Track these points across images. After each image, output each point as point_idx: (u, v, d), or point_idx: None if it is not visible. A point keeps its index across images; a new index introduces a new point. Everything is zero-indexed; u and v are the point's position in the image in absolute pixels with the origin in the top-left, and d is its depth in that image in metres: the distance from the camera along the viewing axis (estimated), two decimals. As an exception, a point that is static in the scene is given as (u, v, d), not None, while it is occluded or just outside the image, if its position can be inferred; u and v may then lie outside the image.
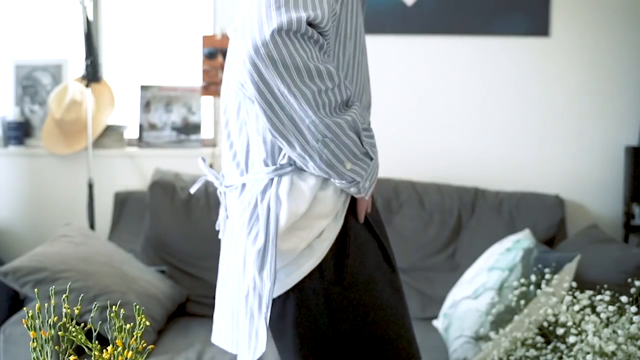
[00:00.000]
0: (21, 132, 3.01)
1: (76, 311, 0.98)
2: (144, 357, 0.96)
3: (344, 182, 1.13)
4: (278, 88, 1.03)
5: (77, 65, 3.05)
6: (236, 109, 1.20)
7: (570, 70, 2.93)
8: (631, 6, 2.90)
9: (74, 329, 0.95)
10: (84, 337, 0.95)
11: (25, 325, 0.96)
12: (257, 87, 1.03)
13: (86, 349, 0.96)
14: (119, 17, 3.13)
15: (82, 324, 0.99)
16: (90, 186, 2.83)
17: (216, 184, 1.28)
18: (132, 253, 2.58)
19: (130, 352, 0.94)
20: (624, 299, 1.70)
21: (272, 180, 1.15)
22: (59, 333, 0.95)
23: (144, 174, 2.97)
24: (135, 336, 0.95)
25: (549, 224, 2.69)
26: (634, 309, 1.67)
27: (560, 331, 1.72)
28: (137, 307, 0.96)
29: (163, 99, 3.03)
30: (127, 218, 2.80)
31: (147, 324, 0.96)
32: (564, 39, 2.91)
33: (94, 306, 1.08)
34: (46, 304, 0.98)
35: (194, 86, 3.02)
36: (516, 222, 2.69)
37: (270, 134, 1.09)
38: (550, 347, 1.78)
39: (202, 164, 1.34)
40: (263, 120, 1.07)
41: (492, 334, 2.00)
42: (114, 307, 0.97)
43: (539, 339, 1.83)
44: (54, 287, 1.03)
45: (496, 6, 2.89)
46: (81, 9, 2.74)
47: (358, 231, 1.20)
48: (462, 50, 2.94)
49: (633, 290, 1.74)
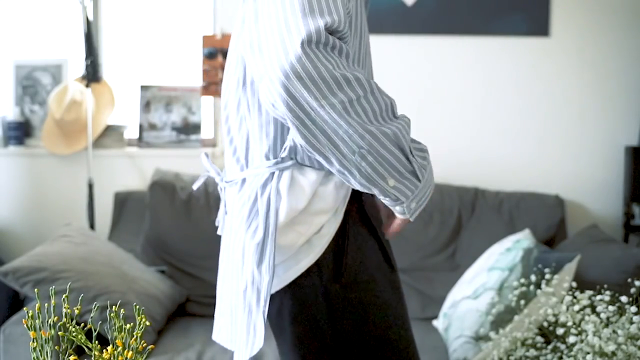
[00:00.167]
0: (21, 132, 3.01)
1: (76, 311, 0.98)
2: (144, 357, 0.96)
3: (388, 199, 1.11)
4: (308, 104, 1.01)
5: (77, 65, 3.05)
6: (236, 104, 1.20)
7: (570, 70, 2.93)
8: (631, 6, 2.90)
9: (74, 329, 0.95)
10: (84, 337, 0.95)
11: (25, 325, 0.96)
12: (287, 106, 1.02)
13: (86, 349, 0.96)
14: (119, 17, 3.13)
15: (82, 324, 0.99)
16: (90, 186, 2.83)
17: (217, 179, 1.28)
18: (132, 253, 2.58)
19: (130, 352, 0.94)
20: (624, 299, 1.70)
21: (273, 174, 1.14)
22: (59, 333, 0.95)
23: (144, 174, 2.97)
24: (135, 336, 0.95)
25: (549, 224, 2.69)
26: (634, 309, 1.67)
27: (560, 331, 1.72)
28: (137, 307, 0.96)
29: (163, 99, 3.03)
30: (127, 218, 2.80)
31: (147, 324, 0.96)
32: (564, 39, 2.91)
33: (94, 306, 1.08)
34: (46, 304, 0.98)
35: (194, 86, 3.02)
36: (516, 222, 2.69)
37: (305, 147, 1.06)
38: (550, 347, 1.78)
39: (204, 159, 1.33)
40: (297, 138, 1.05)
41: (492, 334, 2.00)
42: (114, 307, 0.97)
43: (539, 339, 1.83)
44: (54, 287, 1.03)
45: (496, 6, 2.89)
46: (81, 9, 2.74)
47: (358, 230, 1.19)
48: (462, 50, 2.94)
49: (633, 290, 1.74)
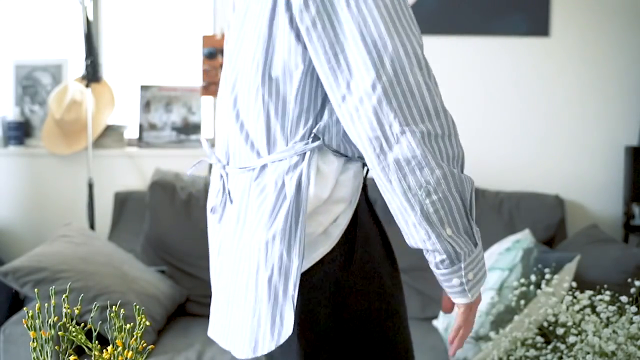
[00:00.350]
0: (21, 132, 3.01)
1: (76, 311, 0.98)
2: (144, 357, 0.96)
3: (444, 256, 1.06)
4: (391, 126, 1.03)
5: (77, 65, 3.05)
6: (254, 89, 1.12)
7: (571, 70, 2.93)
8: (631, 6, 2.90)
9: (74, 329, 0.95)
10: (84, 337, 0.95)
11: (25, 325, 0.96)
12: (371, 125, 1.03)
13: (86, 349, 0.96)
14: (119, 17, 3.13)
15: (82, 324, 0.99)
16: (90, 186, 2.83)
17: (217, 166, 1.23)
18: (132, 253, 2.58)
19: (130, 352, 0.94)
20: (624, 299, 1.70)
21: (302, 158, 1.11)
22: (59, 333, 0.95)
23: (144, 174, 2.97)
24: (135, 336, 0.95)
25: (548, 224, 2.69)
26: (634, 309, 1.67)
27: (560, 331, 1.72)
28: (137, 307, 0.96)
29: (163, 99, 3.03)
30: (127, 218, 2.80)
31: (147, 324, 0.96)
32: (564, 39, 2.91)
33: (94, 306, 1.08)
34: (46, 304, 0.98)
35: (194, 86, 3.02)
36: (516, 222, 2.69)
37: (373, 168, 1.08)
38: (550, 347, 1.78)
39: (205, 144, 1.29)
40: (369, 157, 1.06)
41: (492, 334, 2.00)
42: (114, 307, 0.97)
43: (539, 339, 1.83)
44: (54, 287, 1.03)
45: (496, 6, 2.89)
46: (81, 9, 2.74)
47: (366, 219, 1.19)
48: (462, 50, 2.94)
49: (633, 290, 1.74)
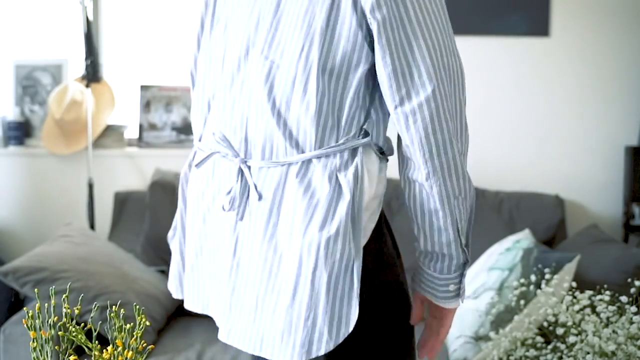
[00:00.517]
0: (21, 132, 3.01)
1: (76, 311, 0.98)
2: (144, 357, 0.96)
3: (455, 262, 1.13)
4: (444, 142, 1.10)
5: (77, 65, 3.05)
6: (302, 80, 1.08)
7: (570, 70, 2.93)
8: (631, 6, 2.90)
9: (74, 329, 0.95)
10: (84, 337, 0.95)
11: (25, 325, 0.96)
12: (425, 130, 1.10)
13: (86, 349, 0.96)
14: (119, 17, 3.13)
15: (82, 324, 0.99)
16: (90, 186, 2.83)
17: (236, 161, 1.13)
18: (132, 253, 2.58)
19: (130, 352, 0.94)
20: (624, 299, 1.70)
21: (349, 157, 1.11)
22: (59, 333, 0.95)
23: (144, 174, 2.97)
24: (135, 336, 0.95)
25: (548, 224, 2.69)
26: (634, 309, 1.67)
27: (560, 331, 1.72)
28: (137, 307, 0.96)
29: (163, 99, 3.03)
30: (127, 218, 2.80)
31: (147, 324, 0.96)
32: (564, 39, 2.91)
33: (94, 306, 1.08)
34: (46, 304, 0.98)
35: (194, 86, 3.02)
36: (516, 222, 2.69)
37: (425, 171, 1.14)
38: (550, 347, 1.78)
39: (210, 137, 1.19)
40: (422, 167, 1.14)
41: (492, 334, 2.00)
42: (114, 307, 0.97)
43: (539, 339, 1.83)
44: (54, 287, 1.03)
45: (496, 6, 2.89)
46: (81, 9, 2.74)
47: (383, 213, 1.23)
48: (462, 50, 2.91)
49: (633, 290, 1.74)
